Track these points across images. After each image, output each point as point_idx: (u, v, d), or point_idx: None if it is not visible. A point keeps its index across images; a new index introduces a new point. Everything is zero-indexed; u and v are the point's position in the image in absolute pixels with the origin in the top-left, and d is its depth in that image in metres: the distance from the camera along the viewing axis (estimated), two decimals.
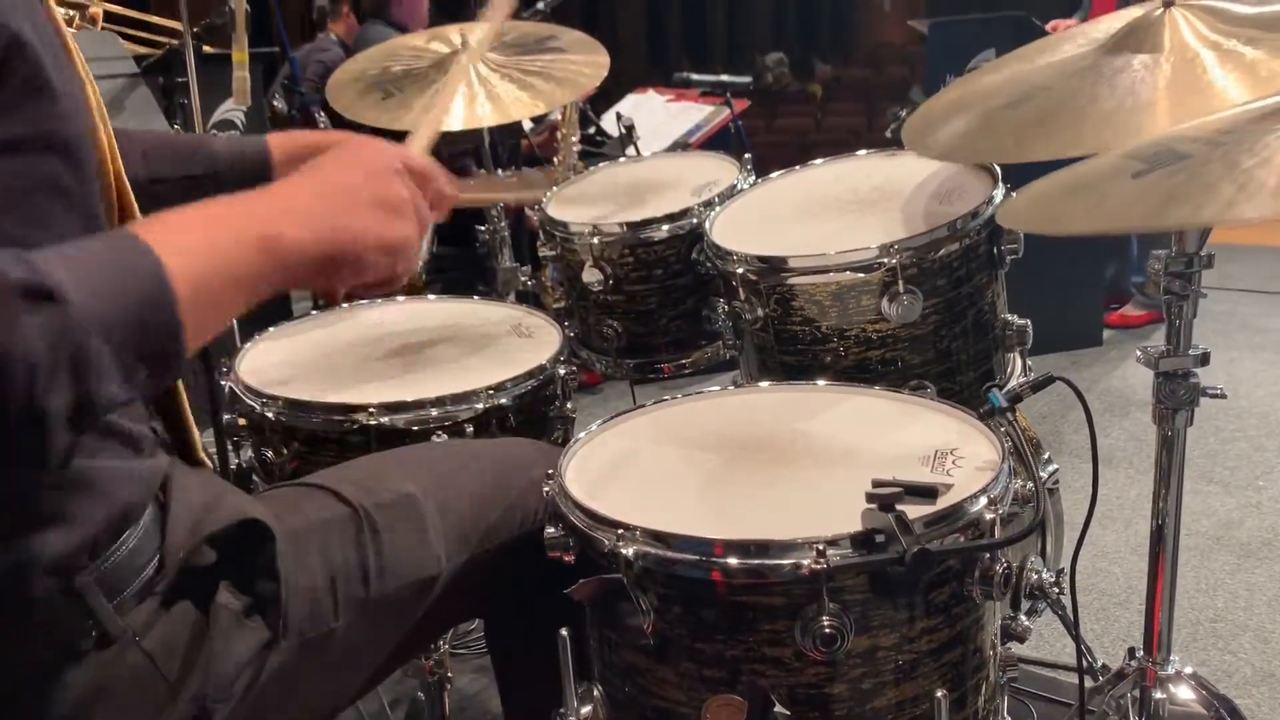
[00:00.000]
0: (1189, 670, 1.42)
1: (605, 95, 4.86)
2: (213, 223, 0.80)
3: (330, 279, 0.88)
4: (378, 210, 0.90)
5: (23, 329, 0.62)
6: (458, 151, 3.37)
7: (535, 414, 1.42)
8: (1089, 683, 1.49)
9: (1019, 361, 1.50)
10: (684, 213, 1.65)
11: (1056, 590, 1.34)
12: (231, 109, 3.40)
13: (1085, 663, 1.59)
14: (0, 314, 0.62)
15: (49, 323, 0.64)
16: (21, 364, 0.62)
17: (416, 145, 1.12)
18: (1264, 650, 2.12)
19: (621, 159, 2.32)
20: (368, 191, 0.91)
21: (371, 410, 1.31)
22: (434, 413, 1.32)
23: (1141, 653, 1.42)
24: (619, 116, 3.16)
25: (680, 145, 3.83)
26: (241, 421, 1.41)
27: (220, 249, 0.78)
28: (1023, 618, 1.37)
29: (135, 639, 0.84)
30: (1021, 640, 1.35)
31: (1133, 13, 1.26)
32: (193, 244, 0.76)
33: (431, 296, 1.85)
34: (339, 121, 3.65)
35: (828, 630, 0.88)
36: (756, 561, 0.90)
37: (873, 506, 0.90)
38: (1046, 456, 1.67)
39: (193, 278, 0.74)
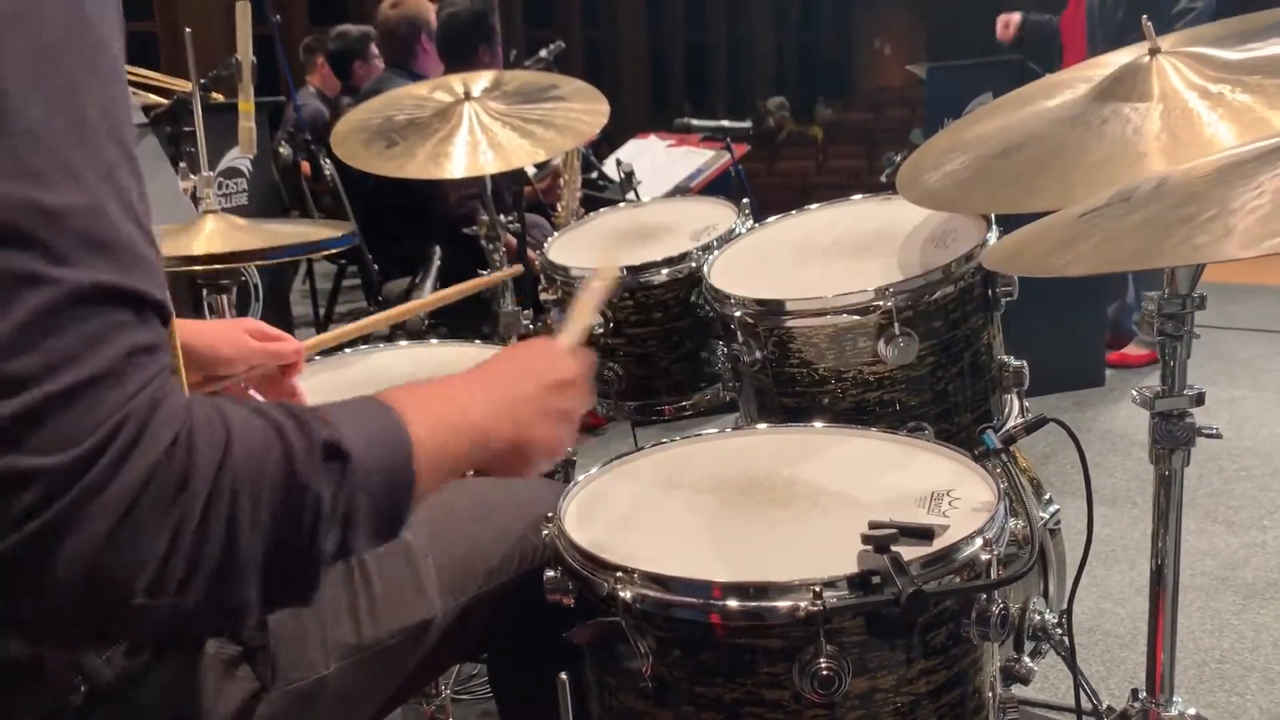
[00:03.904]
0: (1192, 712, 1.41)
1: (608, 140, 4.92)
2: (439, 409, 0.83)
3: (502, 472, 0.91)
4: (550, 421, 0.92)
5: (319, 479, 0.69)
6: (464, 196, 3.41)
7: None
8: None
9: (1016, 402, 1.51)
10: (683, 256, 1.67)
11: (1059, 631, 1.34)
12: (238, 157, 3.46)
13: (1091, 704, 1.58)
14: (307, 463, 0.68)
15: (337, 475, 0.70)
16: (311, 510, 0.68)
17: (569, 344, 1.06)
18: (1270, 691, 2.10)
19: (621, 204, 2.34)
20: (543, 404, 0.92)
21: None
22: None
23: (1144, 694, 1.41)
24: (619, 163, 3.19)
25: (681, 190, 3.87)
26: None
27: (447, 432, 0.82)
28: (1026, 659, 1.38)
29: (124, 693, 0.83)
30: (1025, 682, 1.35)
31: (1120, 60, 1.28)
32: (428, 428, 0.79)
33: (434, 341, 1.86)
34: (344, 169, 3.71)
35: (825, 672, 0.88)
36: (755, 604, 0.90)
37: (868, 548, 0.91)
38: (1048, 497, 1.67)
39: (428, 458, 0.78)
